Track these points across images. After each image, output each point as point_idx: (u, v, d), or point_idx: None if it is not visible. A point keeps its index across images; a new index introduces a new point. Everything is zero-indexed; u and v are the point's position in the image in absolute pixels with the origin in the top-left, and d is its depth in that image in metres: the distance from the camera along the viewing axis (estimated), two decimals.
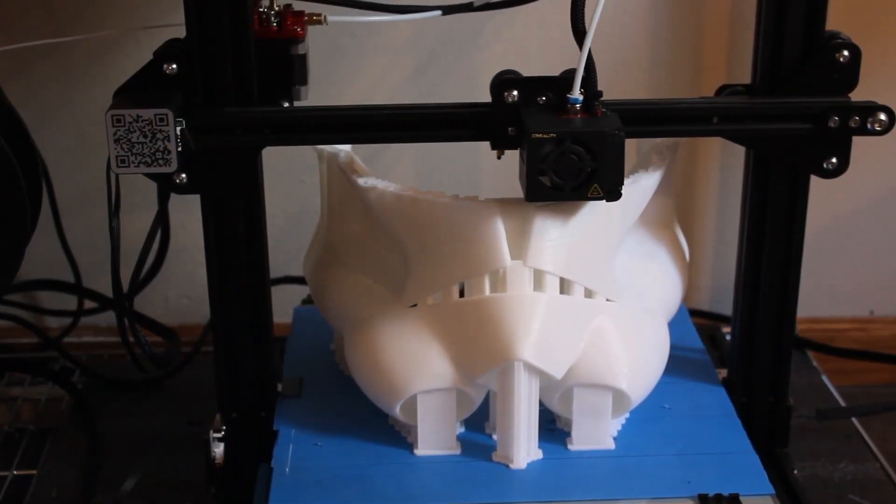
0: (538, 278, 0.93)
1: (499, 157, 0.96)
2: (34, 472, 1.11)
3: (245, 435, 1.02)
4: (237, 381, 1.00)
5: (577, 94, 0.90)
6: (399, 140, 0.97)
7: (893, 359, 1.33)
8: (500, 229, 0.92)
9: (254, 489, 0.96)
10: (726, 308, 1.12)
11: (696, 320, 1.20)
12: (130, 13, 1.27)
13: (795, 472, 1.06)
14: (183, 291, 1.41)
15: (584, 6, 0.89)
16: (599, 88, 0.91)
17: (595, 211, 0.93)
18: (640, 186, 0.97)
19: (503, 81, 0.92)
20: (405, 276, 0.97)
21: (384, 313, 0.97)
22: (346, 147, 1.01)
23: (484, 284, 0.93)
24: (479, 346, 0.92)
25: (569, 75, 0.91)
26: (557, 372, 0.93)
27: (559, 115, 0.90)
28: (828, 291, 1.43)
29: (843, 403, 1.22)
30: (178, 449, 1.13)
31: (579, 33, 0.90)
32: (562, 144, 0.88)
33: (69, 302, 1.36)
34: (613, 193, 0.89)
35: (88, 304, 1.35)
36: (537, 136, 0.88)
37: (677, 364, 1.05)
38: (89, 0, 1.28)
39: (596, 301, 0.95)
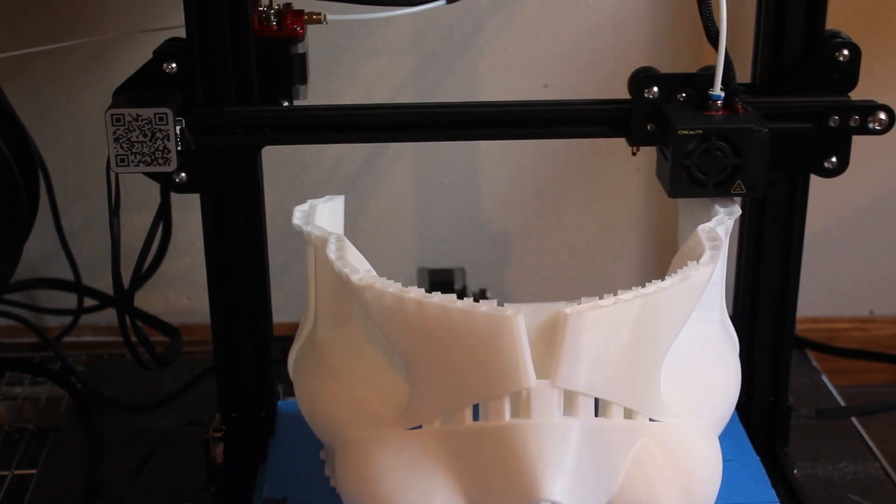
0: (569, 400, 0.79)
1: (634, 154, 0.95)
2: (34, 472, 1.11)
3: (245, 435, 1.02)
4: (237, 381, 1.00)
5: (717, 90, 0.91)
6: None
7: (893, 359, 1.33)
8: (523, 343, 0.76)
9: (254, 489, 0.96)
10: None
11: None
12: (130, 14, 1.27)
13: (795, 472, 1.06)
14: (183, 291, 1.41)
15: (710, 8, 0.90)
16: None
17: (639, 315, 0.79)
18: (692, 284, 0.81)
19: (644, 78, 0.92)
20: (408, 392, 0.82)
21: (382, 436, 0.82)
22: (338, 228, 0.91)
23: (503, 408, 0.78)
24: (498, 483, 0.78)
25: (707, 72, 0.91)
26: None
27: (702, 112, 0.91)
28: (828, 291, 1.42)
29: (843, 403, 1.22)
30: (178, 449, 1.13)
31: (712, 34, 0.90)
32: (707, 140, 0.88)
33: (69, 301, 1.36)
34: (756, 189, 0.90)
35: (88, 302, 1.35)
36: (684, 132, 0.88)
37: None
38: (89, 0, 1.28)
39: (637, 422, 0.81)
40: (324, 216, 0.91)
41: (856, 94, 0.94)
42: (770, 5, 0.94)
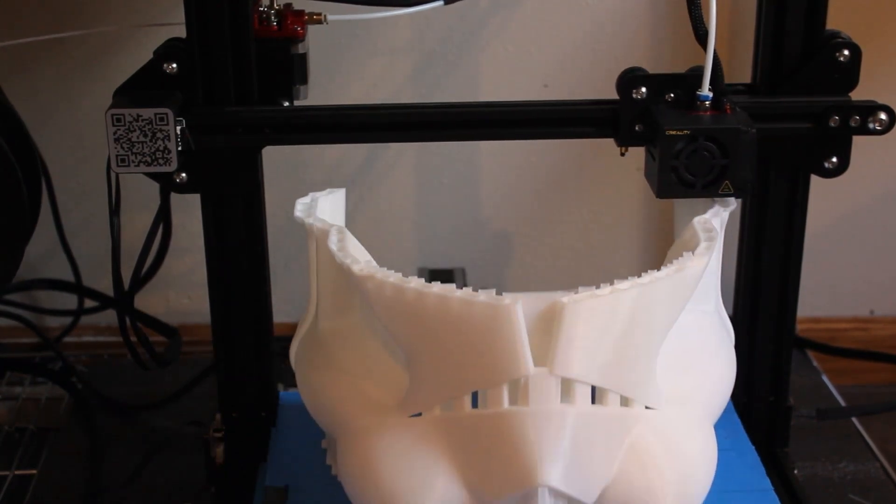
0: (566, 387, 0.79)
1: (622, 154, 0.95)
2: (34, 471, 1.11)
3: (245, 435, 1.02)
4: (237, 380, 1.00)
5: (706, 90, 0.91)
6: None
7: (893, 359, 1.33)
8: (521, 332, 0.77)
9: (254, 489, 0.96)
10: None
11: None
12: (131, 12, 1.27)
13: (795, 472, 1.06)
14: (183, 291, 1.41)
15: (700, 8, 0.90)
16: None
17: (635, 305, 0.80)
18: (687, 275, 0.82)
19: (632, 79, 0.92)
20: (408, 380, 0.82)
21: (383, 423, 0.82)
22: (339, 221, 0.92)
23: (502, 395, 0.79)
24: (497, 468, 0.79)
25: (695, 72, 0.91)
26: (589, 497, 0.80)
27: (690, 112, 0.91)
28: (828, 291, 1.42)
29: (843, 403, 1.22)
30: (178, 449, 1.13)
31: (700, 34, 0.90)
32: (695, 141, 0.88)
33: (69, 301, 1.36)
34: (744, 190, 0.90)
35: (89, 303, 1.35)
36: (671, 132, 0.88)
37: None
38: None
39: (633, 410, 0.81)
40: (325, 209, 0.92)
41: (856, 95, 0.94)
42: (770, 5, 0.94)
